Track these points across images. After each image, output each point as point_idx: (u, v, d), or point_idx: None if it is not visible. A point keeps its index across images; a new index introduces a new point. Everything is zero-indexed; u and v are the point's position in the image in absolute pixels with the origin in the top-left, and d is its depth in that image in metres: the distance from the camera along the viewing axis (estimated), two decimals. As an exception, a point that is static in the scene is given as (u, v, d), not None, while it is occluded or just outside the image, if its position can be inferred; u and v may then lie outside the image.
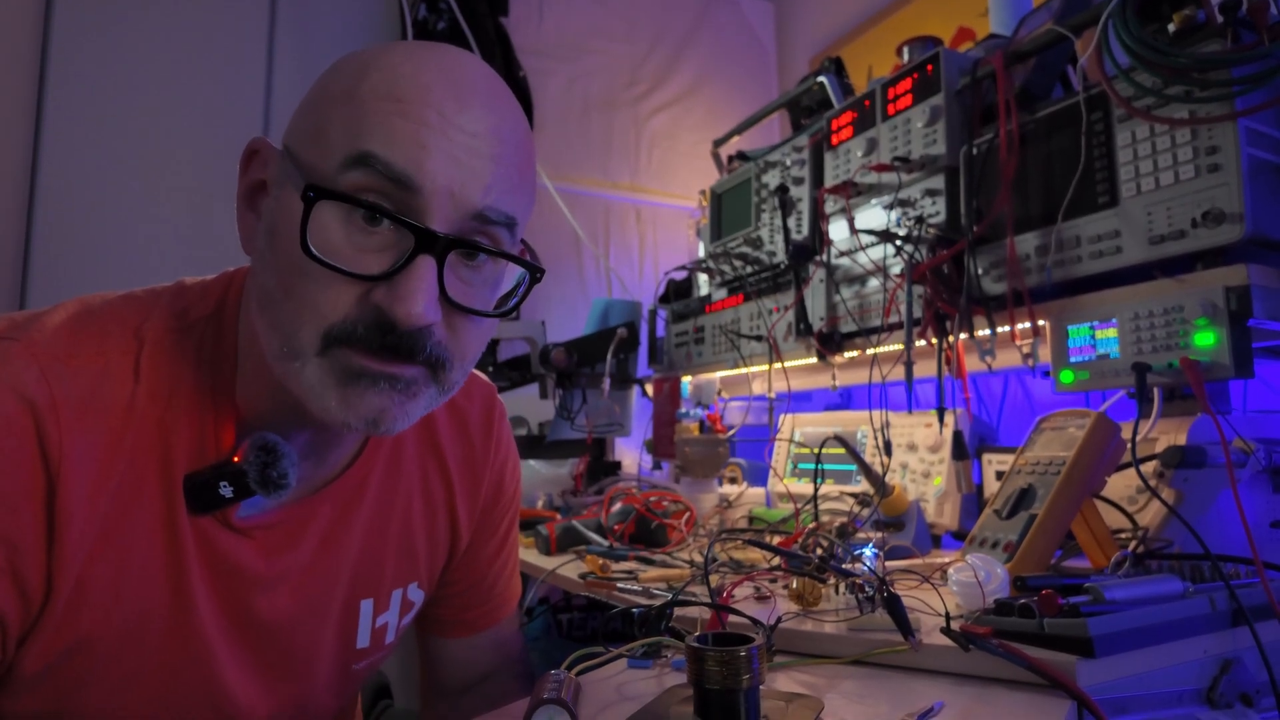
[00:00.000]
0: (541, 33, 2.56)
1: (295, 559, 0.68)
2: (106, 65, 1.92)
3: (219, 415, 0.63)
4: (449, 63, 0.59)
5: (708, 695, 0.52)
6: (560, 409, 1.83)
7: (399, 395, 0.58)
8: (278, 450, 0.62)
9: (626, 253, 2.68)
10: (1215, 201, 0.87)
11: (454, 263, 0.58)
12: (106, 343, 0.60)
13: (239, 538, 0.65)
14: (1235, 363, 0.86)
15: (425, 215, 0.55)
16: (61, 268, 1.83)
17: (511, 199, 0.59)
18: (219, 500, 0.61)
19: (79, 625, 0.59)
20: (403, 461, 0.77)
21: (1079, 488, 0.84)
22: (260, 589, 0.67)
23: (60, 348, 0.58)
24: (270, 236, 0.59)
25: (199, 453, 0.62)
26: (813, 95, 1.76)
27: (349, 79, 0.57)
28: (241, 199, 0.63)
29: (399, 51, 0.59)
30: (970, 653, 0.62)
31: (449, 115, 0.56)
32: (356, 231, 0.55)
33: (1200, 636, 0.66)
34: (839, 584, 0.78)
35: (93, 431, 0.57)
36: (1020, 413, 1.57)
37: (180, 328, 0.64)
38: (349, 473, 0.72)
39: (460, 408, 0.82)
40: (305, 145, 0.58)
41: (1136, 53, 0.88)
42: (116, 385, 0.59)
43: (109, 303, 0.63)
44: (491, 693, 0.88)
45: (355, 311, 0.56)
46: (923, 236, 1.19)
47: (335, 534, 0.71)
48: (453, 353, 0.60)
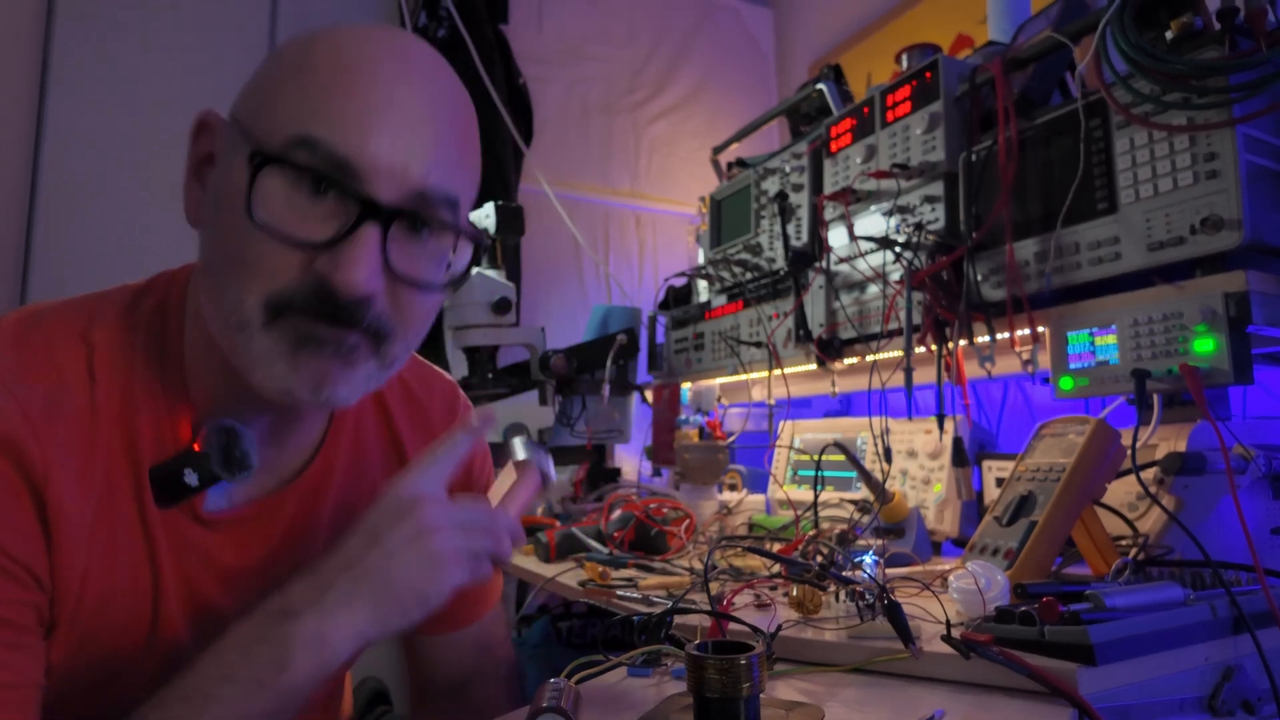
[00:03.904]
0: (541, 39, 2.57)
1: (263, 552, 0.69)
2: (107, 66, 1.93)
3: (174, 408, 0.64)
4: (394, 41, 0.60)
5: (708, 703, 0.52)
6: (560, 415, 1.83)
7: (339, 362, 0.59)
8: (236, 431, 0.63)
9: (626, 259, 2.68)
10: (1214, 208, 0.88)
11: (399, 236, 0.59)
12: (56, 352, 0.60)
13: (207, 531, 0.65)
14: (1235, 369, 0.86)
15: (369, 188, 0.56)
16: (62, 268, 1.84)
17: (453, 178, 0.60)
18: (185, 489, 0.61)
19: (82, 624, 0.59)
20: (365, 454, 0.77)
21: (1079, 494, 0.84)
22: (228, 583, 0.67)
23: (10, 361, 0.58)
24: (216, 207, 0.59)
25: (160, 448, 0.62)
26: (812, 102, 1.76)
27: (297, 53, 0.59)
28: (189, 172, 0.63)
29: (346, 29, 0.60)
30: (971, 660, 0.61)
31: (393, 93, 0.57)
32: (302, 200, 0.56)
33: (1201, 644, 0.66)
34: (839, 591, 0.77)
35: (66, 437, 0.57)
36: (1020, 419, 1.57)
37: (126, 326, 0.64)
38: (313, 466, 0.72)
39: (419, 399, 0.83)
40: (253, 117, 0.58)
41: (1135, 59, 0.89)
42: (75, 391, 0.59)
43: (51, 310, 0.63)
44: (477, 697, 0.87)
45: (298, 278, 0.56)
46: (922, 243, 1.19)
47: (302, 527, 0.71)
48: (394, 325, 0.61)
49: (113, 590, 0.60)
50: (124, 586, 0.61)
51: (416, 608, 0.59)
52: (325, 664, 0.56)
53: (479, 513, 0.65)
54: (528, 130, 2.41)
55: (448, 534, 0.60)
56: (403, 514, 0.60)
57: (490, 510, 0.66)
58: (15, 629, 0.55)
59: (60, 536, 0.57)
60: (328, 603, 0.56)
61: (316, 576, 0.59)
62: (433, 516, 0.60)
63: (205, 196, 0.62)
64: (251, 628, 0.57)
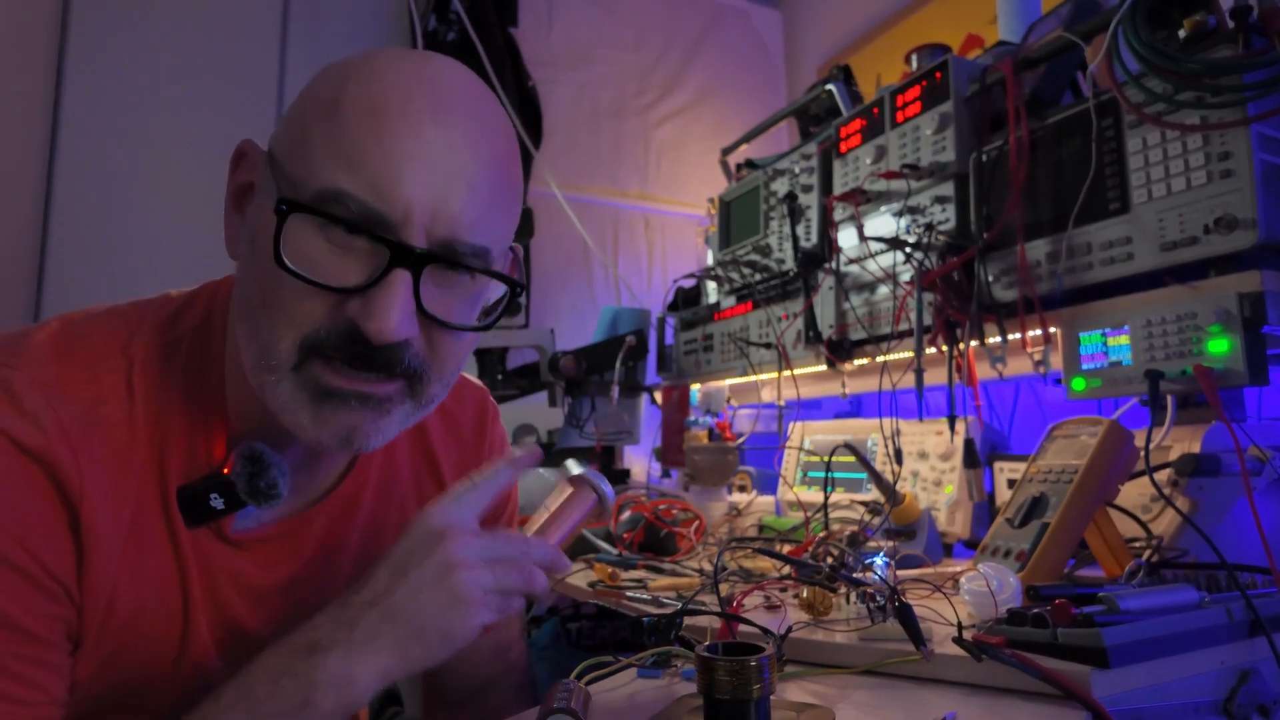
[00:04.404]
0: (550, 43, 2.57)
1: (291, 571, 0.68)
2: (121, 71, 1.94)
3: (210, 427, 0.63)
4: (432, 75, 0.58)
5: (718, 705, 0.52)
6: (569, 417, 1.83)
7: (371, 413, 0.58)
8: (264, 460, 0.62)
9: (635, 261, 2.68)
10: (1228, 207, 0.87)
11: (433, 275, 0.58)
12: (96, 365, 0.60)
13: (235, 550, 0.65)
14: (1250, 370, 0.85)
15: (401, 234, 0.55)
16: (76, 272, 1.86)
17: (487, 227, 0.59)
18: (212, 512, 0.61)
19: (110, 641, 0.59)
20: (396, 469, 0.77)
21: (1092, 496, 0.83)
22: (255, 601, 0.67)
23: (51, 372, 0.57)
24: (251, 243, 0.59)
25: (191, 465, 0.62)
26: (821, 103, 1.76)
27: (330, 90, 0.57)
28: (230, 200, 0.63)
29: (382, 62, 0.58)
30: (983, 663, 0.61)
31: (426, 135, 0.55)
32: (334, 241, 0.55)
33: (1217, 647, 0.65)
34: (850, 593, 0.77)
35: (102, 454, 0.57)
36: (1032, 420, 1.56)
37: (168, 342, 0.63)
38: (343, 485, 0.72)
39: (452, 412, 0.82)
40: (287, 155, 0.57)
41: (1147, 59, 0.88)
42: (114, 406, 0.59)
43: (93, 320, 0.63)
44: (491, 705, 0.86)
45: (329, 321, 0.56)
46: (932, 244, 1.19)
47: (331, 545, 0.71)
48: (430, 366, 0.60)
49: (142, 608, 0.60)
50: (153, 604, 0.61)
51: (442, 648, 0.58)
52: (349, 703, 0.56)
53: (511, 547, 0.62)
54: (537, 133, 2.42)
55: (476, 572, 0.58)
56: (431, 547, 0.58)
57: (524, 543, 0.63)
58: (42, 645, 0.55)
59: (92, 553, 0.57)
60: (354, 641, 0.55)
61: (344, 610, 0.57)
62: (462, 551, 0.58)
63: (242, 230, 0.61)
64: (279, 660, 0.56)
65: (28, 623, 0.54)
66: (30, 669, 0.54)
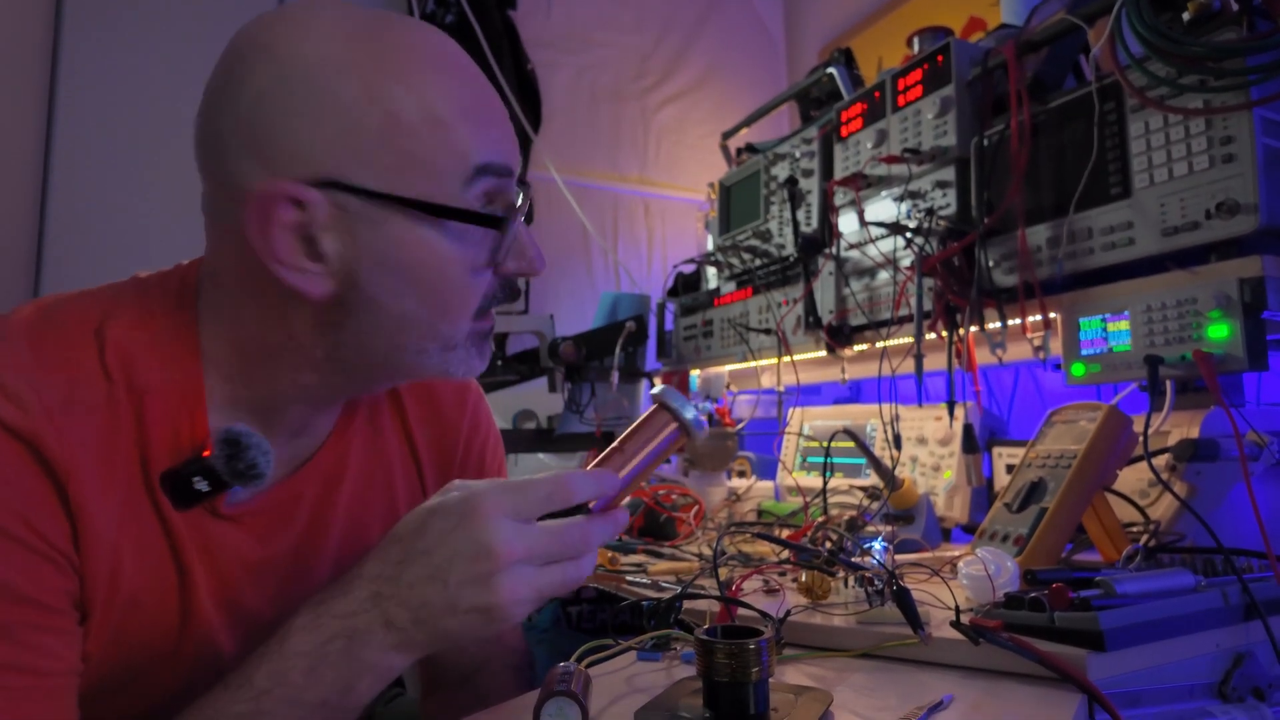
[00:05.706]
0: (549, 25, 2.55)
1: (287, 542, 0.69)
2: (116, 62, 1.93)
3: (190, 408, 0.63)
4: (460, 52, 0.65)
5: (717, 687, 0.52)
6: (569, 402, 1.83)
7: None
8: (241, 442, 0.61)
9: (635, 246, 2.67)
10: (1229, 192, 0.87)
11: None
12: (71, 349, 0.59)
13: (232, 525, 0.65)
14: (1249, 355, 0.85)
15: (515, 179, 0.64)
16: (73, 266, 1.85)
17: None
18: (199, 494, 0.61)
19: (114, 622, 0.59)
20: (384, 442, 0.77)
21: (1090, 481, 0.83)
22: (255, 576, 0.67)
23: (28, 356, 0.57)
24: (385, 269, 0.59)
25: (174, 447, 0.62)
26: (822, 87, 1.75)
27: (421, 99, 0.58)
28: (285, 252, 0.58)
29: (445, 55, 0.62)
30: (980, 646, 0.61)
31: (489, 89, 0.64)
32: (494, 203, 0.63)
33: (1212, 630, 0.66)
34: (848, 577, 0.78)
35: (86, 435, 0.57)
36: (1031, 406, 1.56)
37: (140, 323, 0.63)
38: (326, 446, 0.72)
39: (432, 388, 0.82)
40: (402, 177, 0.58)
41: (1150, 42, 0.87)
42: (91, 389, 0.59)
43: (65, 304, 0.62)
44: (484, 687, 0.86)
45: (493, 282, 0.65)
46: (933, 228, 1.18)
47: (321, 512, 0.72)
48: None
49: (142, 587, 0.60)
50: (150, 585, 0.61)
51: (470, 640, 0.61)
52: (383, 684, 0.59)
53: (566, 541, 0.58)
54: (536, 117, 2.40)
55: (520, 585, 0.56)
56: (476, 554, 0.55)
57: (582, 536, 0.58)
58: (54, 613, 0.55)
59: (85, 530, 0.56)
60: (391, 640, 0.56)
61: (379, 607, 0.56)
62: (509, 553, 0.55)
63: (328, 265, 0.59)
64: (314, 646, 0.56)
65: (38, 594, 0.54)
66: (45, 638, 0.55)
